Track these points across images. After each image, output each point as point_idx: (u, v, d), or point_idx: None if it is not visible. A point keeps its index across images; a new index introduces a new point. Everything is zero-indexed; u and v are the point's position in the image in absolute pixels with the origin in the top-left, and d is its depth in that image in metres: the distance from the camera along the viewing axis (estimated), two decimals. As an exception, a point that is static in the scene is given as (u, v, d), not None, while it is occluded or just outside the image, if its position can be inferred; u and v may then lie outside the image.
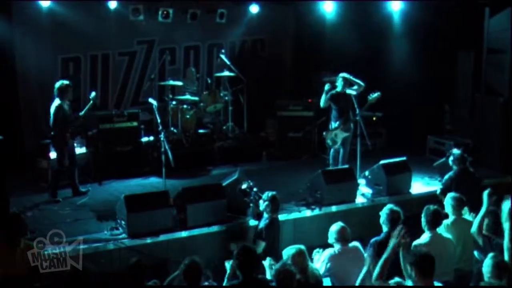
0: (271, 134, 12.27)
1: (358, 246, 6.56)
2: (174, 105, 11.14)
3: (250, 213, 8.27)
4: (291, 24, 13.57)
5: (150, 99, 9.41)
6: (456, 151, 8.53)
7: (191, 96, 11.45)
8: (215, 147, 11.31)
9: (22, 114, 10.71)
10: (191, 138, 11.18)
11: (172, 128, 11.04)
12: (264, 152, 11.77)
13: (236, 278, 5.55)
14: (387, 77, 11.75)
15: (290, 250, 5.88)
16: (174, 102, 11.17)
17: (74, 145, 9.40)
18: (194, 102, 11.39)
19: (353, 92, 9.49)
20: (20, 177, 9.46)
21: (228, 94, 11.77)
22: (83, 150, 10.05)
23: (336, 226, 6.57)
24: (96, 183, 9.81)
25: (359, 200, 9.10)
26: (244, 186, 8.37)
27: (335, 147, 9.76)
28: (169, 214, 7.87)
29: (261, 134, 12.42)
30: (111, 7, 11.01)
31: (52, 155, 9.40)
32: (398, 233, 5.33)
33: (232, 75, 11.82)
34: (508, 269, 5.37)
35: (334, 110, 9.73)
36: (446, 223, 6.80)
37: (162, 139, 8.74)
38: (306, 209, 8.68)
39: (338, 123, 9.63)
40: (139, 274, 5.60)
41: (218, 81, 12.24)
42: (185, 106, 11.22)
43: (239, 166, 9.96)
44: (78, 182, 9.34)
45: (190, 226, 7.89)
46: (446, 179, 8.31)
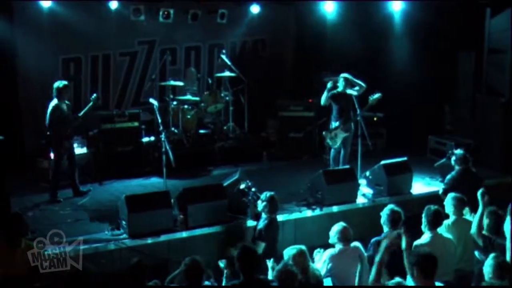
0: (272, 134, 12.25)
1: (359, 246, 6.54)
2: (175, 105, 11.14)
3: (248, 213, 8.26)
4: (292, 24, 13.55)
5: (151, 99, 9.40)
6: (458, 151, 8.51)
7: (192, 96, 11.45)
8: (216, 147, 11.29)
9: (23, 114, 10.71)
10: (192, 138, 11.18)
11: (173, 128, 11.04)
12: (264, 152, 11.75)
13: (235, 277, 5.54)
14: (388, 77, 11.74)
15: (291, 250, 5.86)
16: (175, 103, 11.17)
17: (73, 145, 9.38)
18: (195, 102, 11.39)
19: (354, 92, 9.48)
20: (20, 177, 9.46)
21: (229, 94, 11.76)
22: (84, 150, 10.05)
23: (338, 226, 6.55)
24: (96, 183, 9.82)
25: (360, 200, 9.09)
26: (242, 186, 8.35)
27: (335, 147, 9.75)
28: (170, 214, 7.86)
29: (262, 134, 12.40)
30: (112, 8, 10.99)
31: (52, 156, 9.37)
32: (394, 236, 5.33)
33: (233, 75, 11.81)
34: (509, 269, 5.36)
35: (334, 109, 9.72)
36: (446, 223, 6.80)
37: (163, 139, 8.72)
38: (307, 209, 8.67)
39: (338, 123, 9.62)
40: (140, 275, 5.58)
41: (219, 81, 12.21)
42: (186, 106, 11.22)
43: (240, 166, 9.97)
44: (79, 182, 9.34)
45: (191, 226, 7.88)
46: (448, 179, 8.27)
